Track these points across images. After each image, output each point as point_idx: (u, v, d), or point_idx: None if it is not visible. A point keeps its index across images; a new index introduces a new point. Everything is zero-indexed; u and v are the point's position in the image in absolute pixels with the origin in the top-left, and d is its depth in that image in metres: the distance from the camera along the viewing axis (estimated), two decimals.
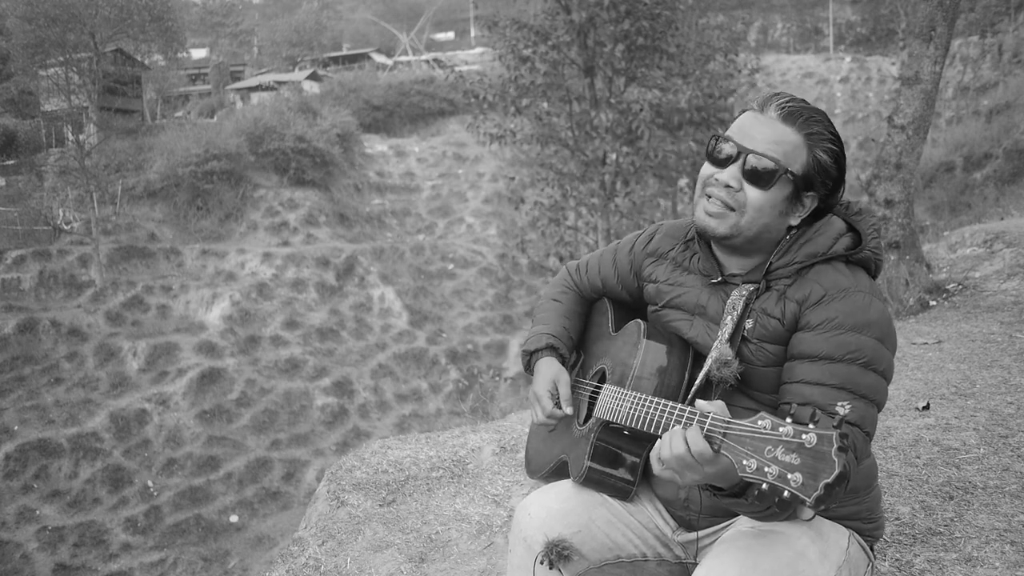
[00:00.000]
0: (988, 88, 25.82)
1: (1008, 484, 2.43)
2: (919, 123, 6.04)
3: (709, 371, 1.44)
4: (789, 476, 1.04)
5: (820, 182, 1.45)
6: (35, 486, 17.93)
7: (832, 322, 1.38)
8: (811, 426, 1.06)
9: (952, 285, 5.87)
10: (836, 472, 1.01)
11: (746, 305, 1.47)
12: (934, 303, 5.57)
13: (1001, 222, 8.20)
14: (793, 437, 1.06)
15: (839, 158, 1.45)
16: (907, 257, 6.08)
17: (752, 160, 1.42)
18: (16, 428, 18.85)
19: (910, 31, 6.11)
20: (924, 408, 3.20)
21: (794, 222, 1.48)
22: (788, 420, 1.09)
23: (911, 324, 5.06)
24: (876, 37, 44.80)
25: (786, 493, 1.04)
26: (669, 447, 1.24)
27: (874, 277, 1.50)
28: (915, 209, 6.96)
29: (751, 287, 1.48)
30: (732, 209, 1.45)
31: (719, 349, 1.44)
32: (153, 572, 16.41)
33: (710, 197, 1.47)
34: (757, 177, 1.42)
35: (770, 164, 1.41)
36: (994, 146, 17.93)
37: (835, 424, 1.05)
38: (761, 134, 1.42)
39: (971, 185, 17.21)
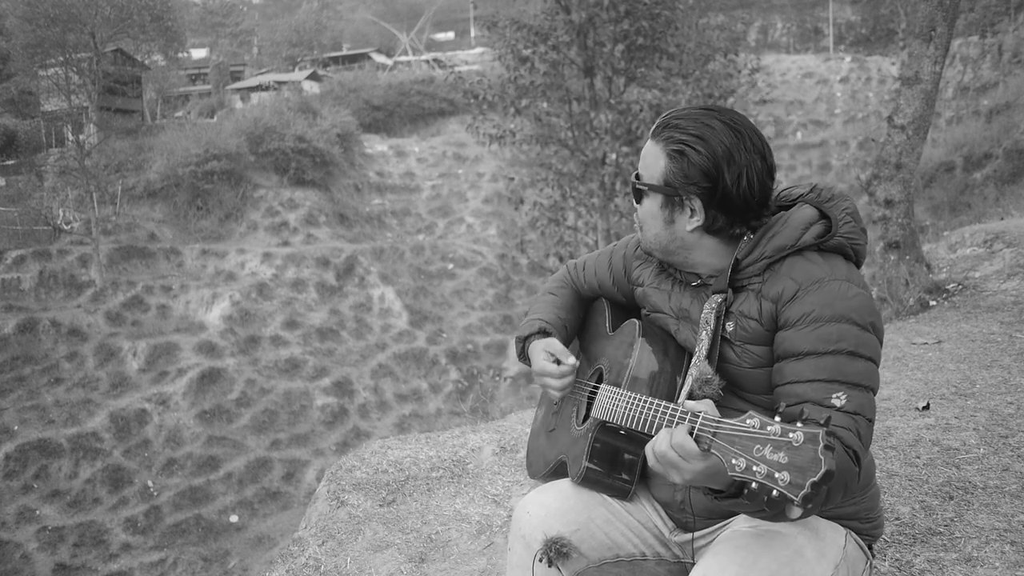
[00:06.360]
0: (988, 88, 25.82)
1: (1008, 484, 2.42)
2: (919, 123, 6.04)
3: (692, 390, 1.44)
4: (777, 475, 1.04)
5: (681, 184, 1.43)
6: (35, 486, 17.93)
7: (810, 316, 1.36)
8: (799, 425, 1.06)
9: (952, 285, 5.86)
10: (823, 470, 1.01)
11: (718, 318, 1.46)
12: (934, 303, 5.56)
13: (1001, 222, 8.19)
14: (780, 436, 1.06)
15: (687, 156, 1.41)
16: (907, 257, 6.08)
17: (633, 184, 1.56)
18: (16, 428, 18.86)
19: (910, 31, 6.11)
20: (924, 408, 3.20)
21: (688, 227, 1.46)
22: (776, 419, 1.09)
23: (911, 324, 5.05)
24: (876, 37, 44.82)
25: (775, 492, 1.04)
26: (656, 446, 1.26)
27: (857, 263, 1.47)
28: (915, 209, 6.96)
29: (719, 298, 1.47)
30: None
31: (698, 367, 1.44)
32: (153, 572, 16.42)
33: None
34: (635, 196, 1.56)
35: (634, 180, 1.53)
36: (994, 146, 17.95)
37: (823, 421, 1.06)
38: (640, 159, 1.55)
39: (971, 185, 17.24)
